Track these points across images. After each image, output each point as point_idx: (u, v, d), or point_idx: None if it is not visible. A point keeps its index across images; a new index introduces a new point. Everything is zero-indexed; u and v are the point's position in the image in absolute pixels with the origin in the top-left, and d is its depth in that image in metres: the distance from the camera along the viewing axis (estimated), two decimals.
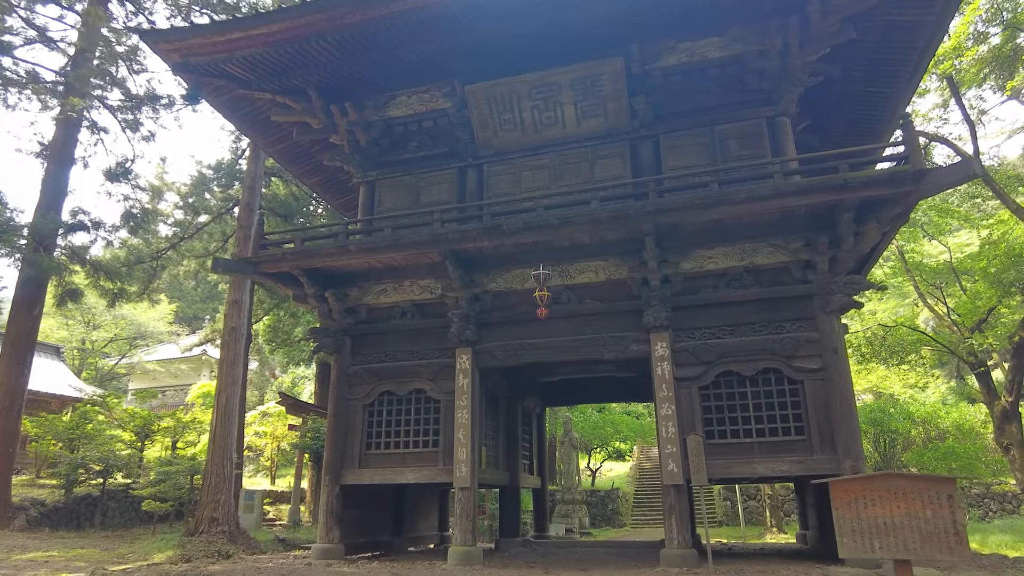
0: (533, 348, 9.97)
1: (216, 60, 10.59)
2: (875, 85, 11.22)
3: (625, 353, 9.52)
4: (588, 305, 9.92)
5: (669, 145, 10.41)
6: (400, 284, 10.94)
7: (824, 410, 8.55)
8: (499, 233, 9.29)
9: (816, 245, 8.89)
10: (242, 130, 12.59)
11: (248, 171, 22.49)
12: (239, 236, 19.87)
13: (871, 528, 4.69)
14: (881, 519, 4.65)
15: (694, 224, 9.19)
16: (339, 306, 10.96)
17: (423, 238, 9.64)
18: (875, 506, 4.69)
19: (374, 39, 10.08)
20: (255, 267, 10.28)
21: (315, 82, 11.21)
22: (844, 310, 8.87)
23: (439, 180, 11.50)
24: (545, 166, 10.97)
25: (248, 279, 17.96)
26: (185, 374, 41.83)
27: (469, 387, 9.92)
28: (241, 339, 18.33)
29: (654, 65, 10.43)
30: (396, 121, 11.91)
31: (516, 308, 10.26)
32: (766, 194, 8.33)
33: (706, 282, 9.53)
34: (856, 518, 4.77)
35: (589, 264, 9.93)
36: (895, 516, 4.59)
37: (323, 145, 12.77)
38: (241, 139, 29.55)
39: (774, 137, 10.01)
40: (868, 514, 4.71)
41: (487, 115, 10.93)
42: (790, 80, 9.98)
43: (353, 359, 10.99)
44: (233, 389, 17.18)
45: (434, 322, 10.69)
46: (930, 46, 10.36)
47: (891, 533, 4.59)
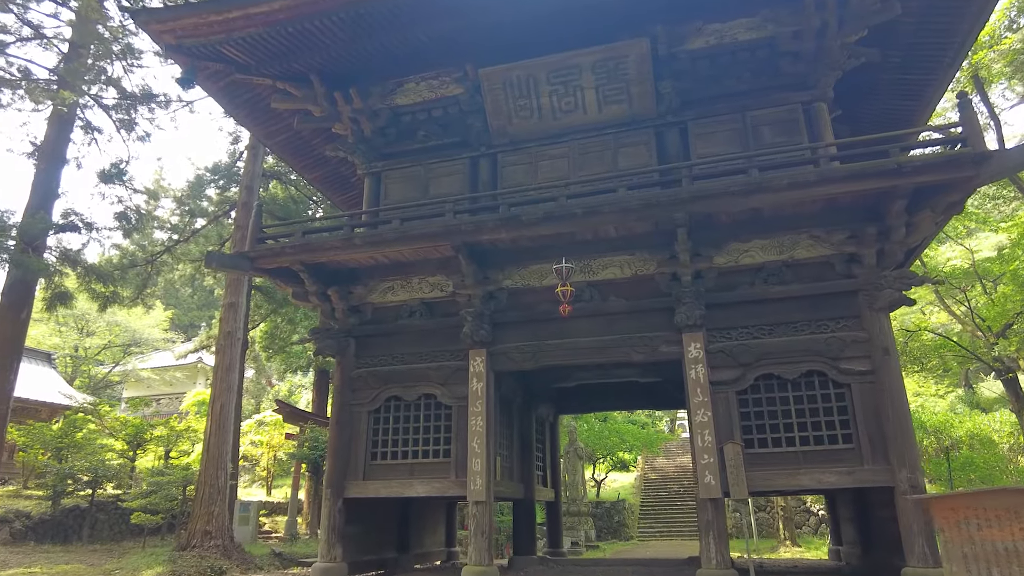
0: (553, 350, 9.22)
1: (212, 42, 9.88)
2: (911, 72, 10.55)
3: (654, 355, 8.78)
4: (613, 303, 9.18)
5: (698, 132, 9.72)
6: (408, 281, 10.20)
7: (875, 416, 7.82)
8: (518, 224, 8.57)
9: (863, 237, 8.19)
10: (239, 119, 11.88)
11: (246, 170, 21.82)
12: (236, 237, 19.13)
13: (988, 555, 3.93)
14: (1000, 544, 3.89)
15: (729, 214, 8.50)
16: (342, 305, 10.22)
17: (435, 230, 8.92)
18: (991, 528, 3.95)
19: (382, 18, 9.38)
20: (252, 262, 9.54)
21: (318, 67, 10.50)
22: (894, 307, 8.16)
23: (450, 171, 10.79)
24: (564, 155, 10.26)
25: (245, 277, 17.22)
26: (180, 382, 40.91)
27: (483, 392, 9.16)
28: (237, 344, 17.56)
29: (680, 48, 9.74)
30: (403, 109, 11.20)
31: (534, 307, 9.52)
32: (812, 180, 7.62)
33: (741, 278, 8.81)
34: (968, 542, 4.02)
35: (614, 259, 9.21)
36: (1018, 541, 3.83)
37: (325, 136, 12.06)
38: (239, 141, 28.90)
39: (811, 123, 9.33)
40: (983, 537, 3.96)
41: (502, 101, 10.23)
42: (827, 63, 9.31)
43: (357, 362, 10.23)
44: (228, 396, 16.38)
45: (445, 322, 9.95)
46: (973, 29, 9.70)
47: (1015, 561, 3.83)
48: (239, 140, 28.83)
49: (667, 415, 48.32)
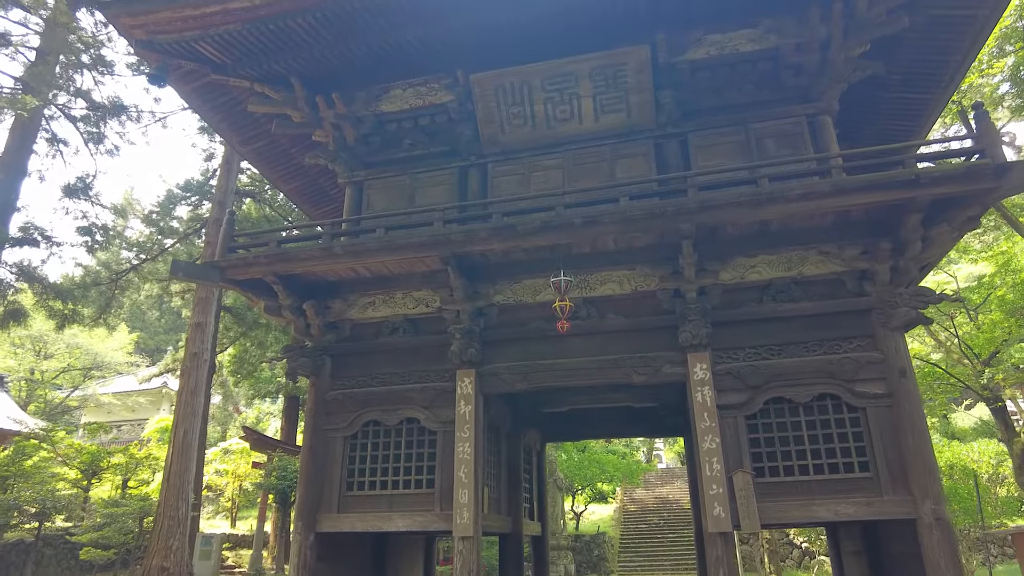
0: (547, 370, 8.59)
1: (187, 38, 9.27)
2: (910, 91, 10.37)
3: (656, 377, 8.20)
4: (611, 321, 8.62)
5: (699, 144, 9.33)
6: (391, 296, 9.53)
7: (893, 442, 7.31)
8: (512, 234, 8.00)
9: (876, 252, 7.78)
10: (213, 124, 11.22)
11: (219, 186, 21.06)
12: (206, 255, 18.26)
13: None
14: None
15: (736, 227, 8.05)
16: (319, 320, 9.49)
17: (422, 239, 8.29)
18: None
19: (370, 18, 8.88)
20: (222, 273, 8.78)
21: (299, 69, 9.92)
22: (910, 326, 7.73)
23: (437, 181, 10.21)
24: (558, 166, 9.78)
25: (214, 295, 16.37)
26: (143, 408, 39.16)
27: (472, 416, 8.47)
28: (204, 366, 16.60)
29: (680, 58, 9.36)
30: (389, 117, 10.64)
31: (527, 324, 8.91)
32: (826, 191, 7.21)
33: (748, 295, 8.33)
34: None
35: (612, 273, 8.67)
36: None
37: (304, 144, 11.44)
38: (212, 158, 28.13)
39: (815, 137, 9.00)
40: None
41: (494, 108, 9.75)
42: (832, 75, 9.01)
43: (333, 383, 9.47)
44: (193, 421, 15.38)
45: (430, 340, 9.27)
46: (974, 45, 9.56)
47: None
48: (213, 157, 28.08)
49: (644, 445, 47.64)
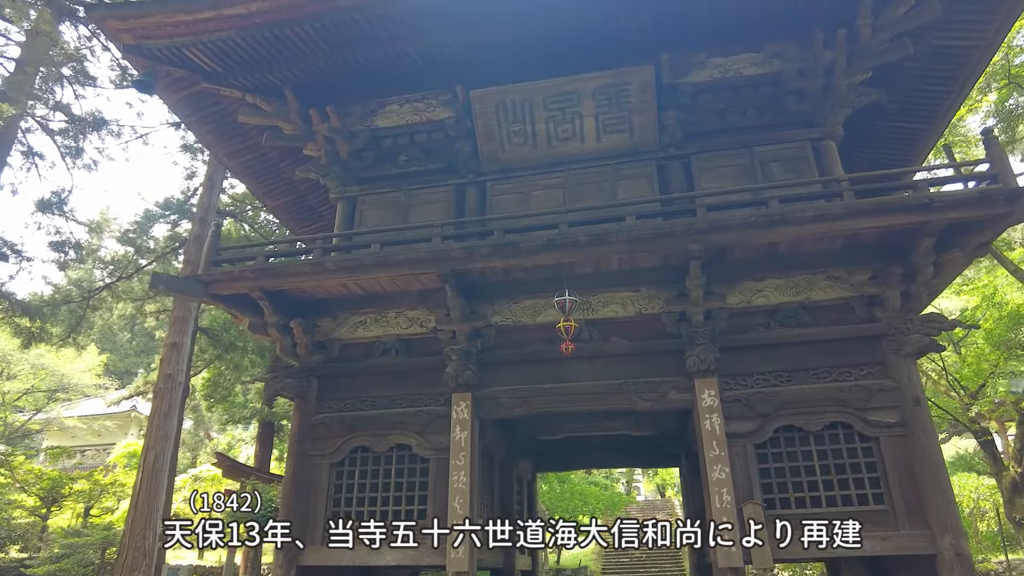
0: (548, 395, 8.23)
1: (178, 44, 8.95)
2: (908, 120, 10.43)
3: (662, 403, 7.89)
4: (615, 344, 8.31)
5: (702, 167, 9.18)
6: (383, 315, 9.14)
7: (908, 473, 7.06)
8: (515, 251, 7.70)
9: (886, 277, 7.62)
10: (201, 135, 10.83)
11: (200, 203, 20.52)
12: (184, 273, 17.68)
13: None
14: None
15: (743, 250, 7.85)
16: (306, 339, 9.03)
17: (420, 255, 7.95)
18: None
19: (370, 28, 8.66)
20: (205, 287, 8.32)
21: (293, 80, 9.64)
22: (922, 353, 7.56)
23: (433, 198, 9.92)
24: (559, 185, 9.55)
25: (191, 316, 15.76)
26: (110, 432, 37.57)
27: (468, 442, 8.05)
28: (178, 388, 15.90)
29: (683, 80, 9.28)
30: (384, 132, 10.37)
31: (526, 346, 8.57)
32: (839, 213, 7.05)
33: (755, 319, 8.10)
34: None
35: (616, 295, 8.40)
36: None
37: (294, 158, 11.09)
38: (194, 176, 27.54)
39: (820, 162, 8.91)
40: None
41: (494, 125, 9.53)
42: (835, 101, 8.98)
43: (320, 406, 8.99)
44: (164, 445, 14.65)
45: (424, 362, 8.87)
46: (972, 77, 9.67)
47: None
48: (194, 176, 27.51)
49: (624, 476, 46.95)
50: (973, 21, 8.71)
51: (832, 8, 8.51)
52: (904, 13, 8.40)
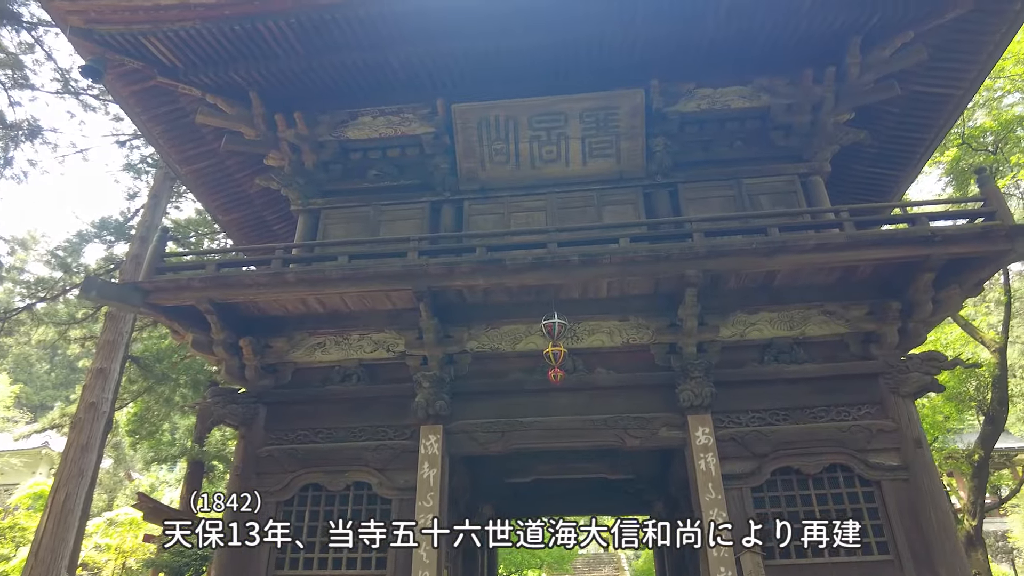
0: (528, 429, 7.49)
1: (135, 32, 8.18)
2: (883, 165, 10.53)
3: (652, 441, 7.28)
4: (600, 376, 7.71)
5: (690, 196, 8.88)
6: (346, 337, 8.30)
7: (913, 520, 6.62)
8: (499, 270, 7.08)
9: (883, 313, 7.35)
10: (152, 137, 9.87)
11: (143, 221, 19.17)
12: None
13: None
14: None
15: (738, 280, 7.48)
16: (256, 361, 8.08)
17: (395, 270, 7.23)
18: None
19: (351, 32, 8.12)
20: (146, 296, 7.33)
21: (260, 82, 8.95)
22: (923, 392, 7.26)
23: (406, 215, 9.26)
24: (541, 208, 9.06)
25: (123, 334, 14.35)
26: (15, 471, 34.06)
27: (436, 481, 7.19)
28: (101, 419, 14.33)
29: (671, 109, 9.07)
30: (355, 145, 9.74)
31: (504, 375, 7.88)
32: (841, 243, 6.78)
33: (749, 354, 7.67)
34: None
35: (603, 324, 7.85)
36: None
37: (254, 168, 10.26)
38: (136, 197, 26.00)
39: (809, 196, 8.74)
40: None
41: (475, 142, 9.03)
42: (822, 138, 8.90)
43: (268, 436, 7.98)
44: (78, 483, 13.03)
45: (389, 390, 8.04)
46: (946, 125, 9.86)
47: None
48: (136, 196, 25.99)
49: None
50: (953, 68, 8.86)
51: (822, 46, 8.48)
52: (891, 55, 8.45)
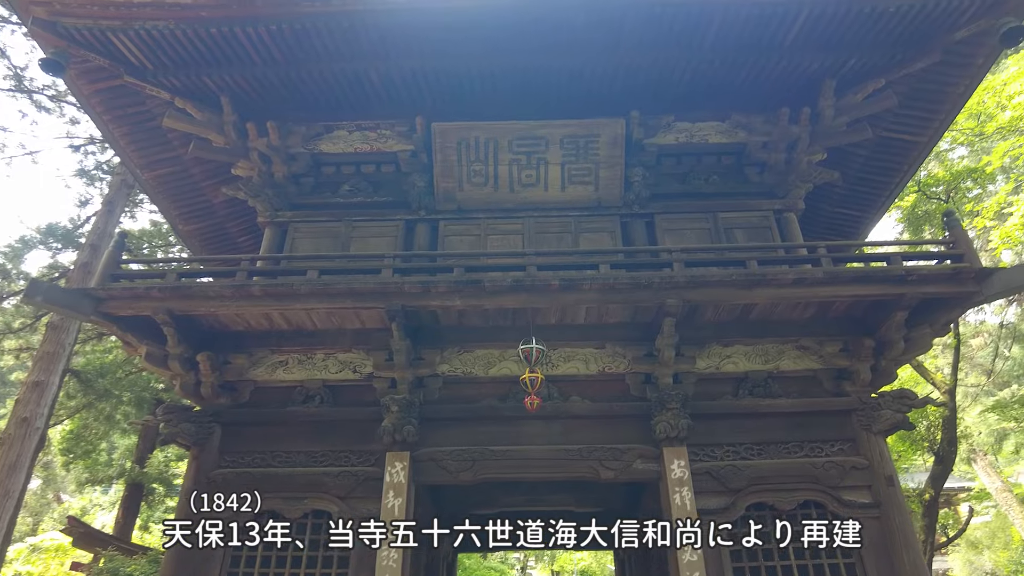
0: (500, 459, 7.22)
1: (103, 27, 7.81)
2: (850, 206, 10.77)
3: (627, 473, 7.10)
4: (575, 404, 7.53)
5: (666, 227, 8.88)
6: (311, 356, 7.93)
7: (886, 560, 6.58)
8: (477, 291, 6.88)
9: (857, 350, 7.42)
10: (113, 139, 9.36)
11: (95, 228, 18.33)
12: None
13: None
14: None
15: (715, 311, 7.45)
16: (214, 378, 7.63)
17: (368, 287, 6.96)
18: None
19: (332, 43, 7.93)
20: (98, 303, 6.86)
21: (234, 88, 8.66)
22: (894, 430, 7.30)
23: (379, 232, 9.00)
24: (518, 232, 8.93)
25: (65, 345, 13.52)
26: None
27: (402, 511, 6.85)
28: (33, 436, 13.40)
29: (650, 140, 9.15)
30: (328, 158, 9.50)
31: (476, 401, 7.63)
32: (820, 278, 6.82)
33: (724, 387, 7.63)
34: None
35: (579, 351, 7.71)
36: None
37: (221, 177, 9.84)
38: (87, 204, 24.97)
39: (783, 232, 8.84)
40: None
41: (454, 162, 8.89)
42: (797, 176, 9.06)
43: (221, 458, 7.50)
44: (3, 505, 12.08)
45: (354, 413, 7.68)
46: (910, 170, 10.19)
47: None
48: (88, 203, 24.93)
49: (519, 562, 44.74)
50: (919, 116, 9.17)
51: (798, 86, 8.69)
52: (863, 100, 8.72)
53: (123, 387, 20.36)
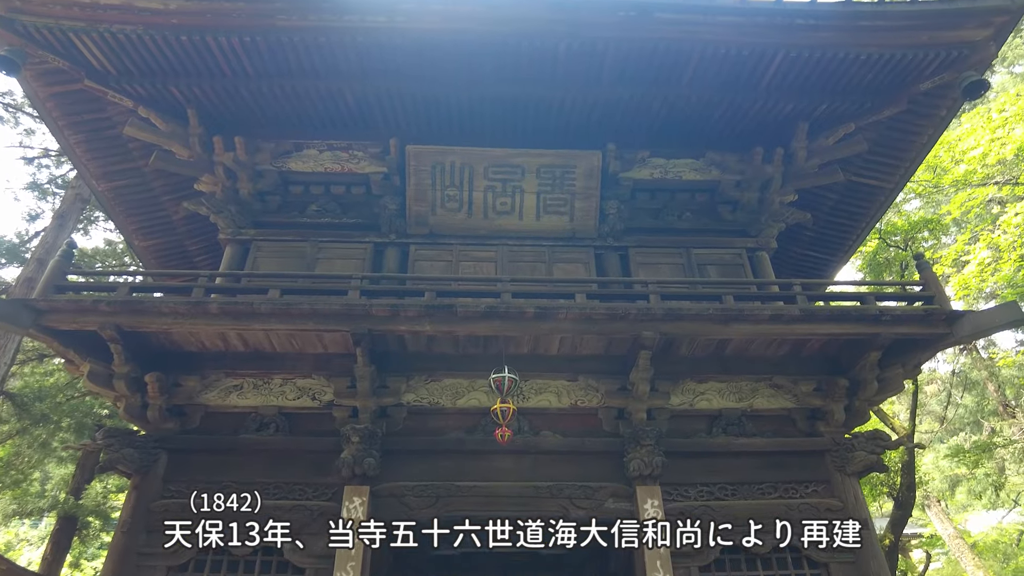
0: (466, 495, 6.83)
1: (65, 28, 7.45)
2: (818, 249, 10.92)
3: (598, 512, 6.77)
4: (546, 439, 7.24)
5: (640, 261, 8.80)
6: (267, 381, 7.49)
7: None
8: (449, 317, 6.61)
9: (831, 390, 7.35)
10: (69, 146, 8.86)
11: (44, 242, 17.43)
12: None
13: None
14: None
15: (690, 347, 7.33)
16: (162, 400, 7.12)
17: (333, 309, 6.62)
18: None
19: (307, 59, 7.74)
20: (38, 316, 6.35)
21: (201, 99, 8.35)
22: (868, 471, 7.21)
23: (346, 254, 8.69)
24: (491, 259, 8.73)
25: (3, 365, 12.63)
26: None
27: (360, 552, 6.38)
28: None
29: (625, 174, 9.13)
30: (296, 177, 9.21)
31: (441, 433, 7.27)
32: (797, 316, 6.77)
33: (697, 424, 7.45)
34: None
35: (551, 383, 7.46)
36: None
37: (182, 192, 9.41)
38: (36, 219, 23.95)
39: (755, 270, 8.85)
40: None
41: (428, 186, 8.69)
42: (769, 215, 9.14)
43: (166, 488, 6.94)
44: None
45: (311, 443, 7.24)
46: (876, 215, 10.42)
47: None
48: (38, 218, 23.89)
49: None
50: (886, 163, 9.41)
51: (773, 127, 8.82)
52: (834, 144, 8.88)
53: (63, 412, 19.17)
